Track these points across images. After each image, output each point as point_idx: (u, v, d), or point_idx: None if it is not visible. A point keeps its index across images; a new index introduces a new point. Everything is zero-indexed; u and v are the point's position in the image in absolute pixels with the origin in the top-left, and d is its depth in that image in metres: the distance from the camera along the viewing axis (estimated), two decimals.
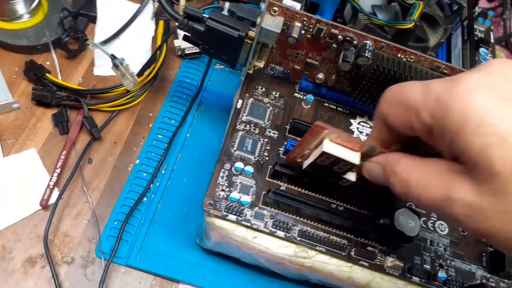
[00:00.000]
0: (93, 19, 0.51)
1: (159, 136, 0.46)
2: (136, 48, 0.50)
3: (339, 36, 0.35)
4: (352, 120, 0.42)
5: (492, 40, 0.52)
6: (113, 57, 0.40)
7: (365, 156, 0.29)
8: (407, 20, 0.42)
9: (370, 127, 0.42)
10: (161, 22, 0.51)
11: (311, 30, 0.36)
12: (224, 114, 0.49)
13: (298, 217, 0.35)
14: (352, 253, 0.35)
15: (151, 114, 0.48)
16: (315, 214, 0.34)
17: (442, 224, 0.39)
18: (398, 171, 0.26)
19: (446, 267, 0.37)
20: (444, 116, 0.22)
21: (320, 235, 0.35)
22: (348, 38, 0.35)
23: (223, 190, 0.35)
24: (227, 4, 0.46)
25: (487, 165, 0.20)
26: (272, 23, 0.34)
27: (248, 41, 0.36)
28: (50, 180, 0.40)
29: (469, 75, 0.22)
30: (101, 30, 0.50)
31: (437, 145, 0.24)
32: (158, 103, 0.48)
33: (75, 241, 0.39)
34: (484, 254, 0.38)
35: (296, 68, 0.40)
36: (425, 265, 0.36)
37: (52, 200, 0.40)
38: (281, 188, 0.36)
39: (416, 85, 0.24)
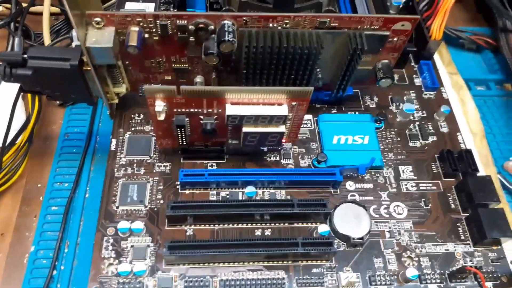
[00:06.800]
0: None
1: (53, 208, 0.38)
2: None
3: (190, 26, 0.27)
4: None
5: None
6: None
7: None
8: None
9: None
10: None
11: (154, 30, 0.28)
12: None
13: (216, 264, 0.27)
14: (294, 284, 0.27)
15: (40, 185, 0.39)
16: (237, 253, 0.27)
17: (398, 206, 0.31)
18: None
19: (416, 259, 0.29)
20: None
21: (249, 277, 0.27)
22: (201, 25, 0.27)
23: (111, 264, 0.27)
24: (74, 32, 0.38)
25: None
26: (100, 38, 0.26)
27: (88, 68, 0.29)
28: None
29: None
30: None
31: None
32: (45, 169, 0.40)
33: None
34: (458, 224, 0.31)
35: (167, 79, 0.32)
36: (390, 265, 0.29)
37: None
38: (188, 233, 0.28)
39: None
